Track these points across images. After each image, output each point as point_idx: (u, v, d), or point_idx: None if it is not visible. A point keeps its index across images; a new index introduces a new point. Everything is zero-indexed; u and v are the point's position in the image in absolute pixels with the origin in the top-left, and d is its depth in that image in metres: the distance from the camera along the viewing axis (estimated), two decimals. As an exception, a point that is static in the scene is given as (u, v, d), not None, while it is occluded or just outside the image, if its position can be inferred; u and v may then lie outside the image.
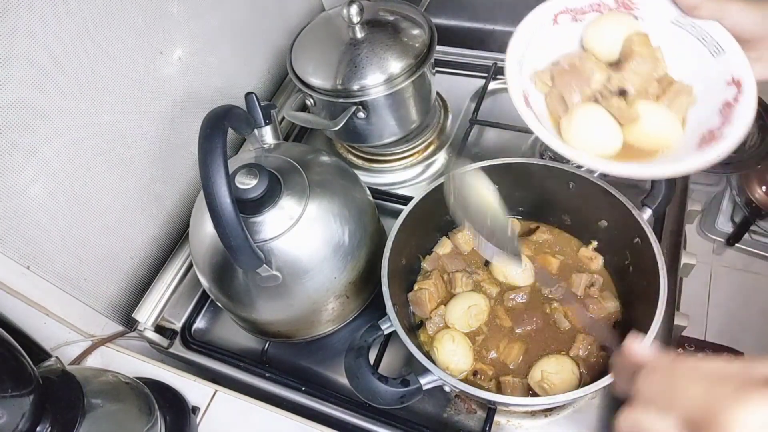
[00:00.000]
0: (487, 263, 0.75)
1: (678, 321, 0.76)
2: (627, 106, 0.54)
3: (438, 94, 1.03)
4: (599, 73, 0.56)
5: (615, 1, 0.58)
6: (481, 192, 0.60)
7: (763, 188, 1.67)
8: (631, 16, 0.58)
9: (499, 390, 0.65)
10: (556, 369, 0.63)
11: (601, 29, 0.58)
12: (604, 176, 0.68)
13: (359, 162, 0.99)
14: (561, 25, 0.59)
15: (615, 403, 0.69)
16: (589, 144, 0.54)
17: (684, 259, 0.79)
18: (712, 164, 0.49)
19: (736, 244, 1.82)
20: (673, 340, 0.74)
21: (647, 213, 0.65)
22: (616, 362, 0.43)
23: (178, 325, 0.84)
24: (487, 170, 0.71)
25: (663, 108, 0.55)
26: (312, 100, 0.88)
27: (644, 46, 0.55)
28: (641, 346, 0.41)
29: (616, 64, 0.57)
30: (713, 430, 0.32)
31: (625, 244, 0.67)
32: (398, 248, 0.68)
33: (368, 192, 0.77)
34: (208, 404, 0.73)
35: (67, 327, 0.76)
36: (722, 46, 0.53)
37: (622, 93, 0.55)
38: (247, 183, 0.61)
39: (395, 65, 0.82)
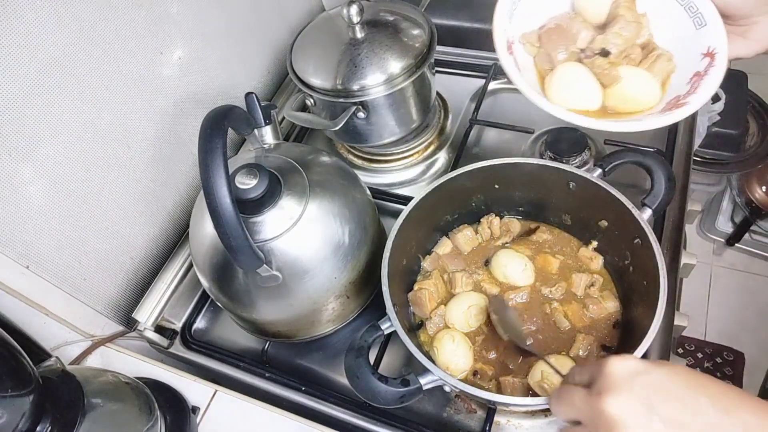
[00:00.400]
0: (487, 263, 0.75)
1: (678, 321, 0.76)
2: (609, 66, 0.55)
3: (438, 94, 1.03)
4: (585, 31, 0.57)
5: None
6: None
7: (763, 188, 1.67)
8: None
9: (499, 390, 0.65)
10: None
11: None
12: (603, 176, 0.68)
13: (359, 162, 0.99)
14: None
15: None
16: (569, 100, 0.56)
17: (684, 259, 0.79)
18: (666, 125, 0.52)
19: (736, 244, 1.82)
20: (673, 340, 0.74)
21: (647, 213, 0.65)
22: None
23: (178, 325, 0.84)
24: (487, 170, 0.71)
25: (643, 73, 0.56)
26: (312, 100, 0.88)
27: (629, 10, 0.56)
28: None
29: (602, 27, 0.58)
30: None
31: (625, 244, 0.67)
32: (398, 248, 0.68)
33: (368, 192, 0.77)
34: (208, 404, 0.73)
35: (67, 327, 0.76)
36: (706, 19, 0.54)
37: (605, 54, 0.56)
38: (247, 183, 0.61)
39: (395, 65, 0.82)
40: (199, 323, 0.85)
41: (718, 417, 0.38)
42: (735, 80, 1.61)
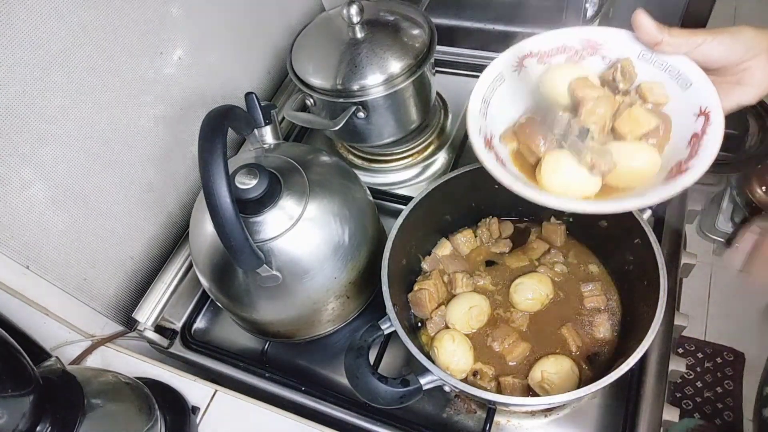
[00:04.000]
0: (488, 263, 0.75)
1: (678, 321, 0.76)
2: (599, 145, 0.52)
3: (438, 94, 1.03)
4: (559, 115, 0.54)
5: (580, 41, 0.57)
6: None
7: (763, 188, 1.67)
8: (574, 64, 0.57)
9: (499, 390, 0.65)
10: (556, 369, 0.63)
11: (550, 80, 0.57)
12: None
13: (359, 162, 0.99)
14: (528, 69, 0.58)
15: (615, 403, 0.69)
16: (566, 187, 0.53)
17: (684, 259, 0.79)
18: (675, 195, 0.49)
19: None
20: (673, 340, 0.74)
21: (647, 213, 0.65)
22: None
23: (178, 325, 0.84)
24: (487, 170, 0.71)
25: (637, 145, 0.53)
26: (312, 100, 0.88)
27: (588, 88, 0.54)
28: None
29: (574, 109, 0.55)
30: None
31: (625, 244, 0.67)
32: (398, 248, 0.68)
33: (368, 192, 0.77)
34: (208, 404, 0.73)
35: (67, 327, 0.76)
36: (690, 79, 0.52)
37: (584, 133, 0.53)
38: (247, 183, 0.61)
39: (395, 65, 0.82)
40: (199, 323, 0.85)
41: None
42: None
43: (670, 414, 0.68)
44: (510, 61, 0.58)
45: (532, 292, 0.70)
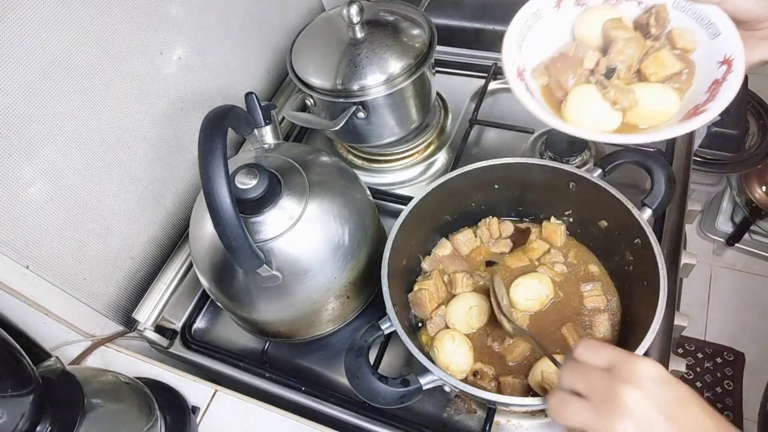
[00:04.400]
0: (488, 264, 0.75)
1: (678, 321, 0.76)
2: (623, 86, 0.55)
3: (438, 94, 1.03)
4: (590, 53, 0.58)
5: None
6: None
7: (763, 188, 1.67)
8: (611, 7, 0.59)
9: (499, 390, 0.65)
10: (556, 369, 0.63)
11: (585, 20, 0.60)
12: (604, 176, 0.68)
13: (359, 162, 0.99)
14: (564, 9, 0.60)
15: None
16: (587, 121, 0.56)
17: (684, 259, 0.79)
18: (684, 133, 0.52)
19: (736, 245, 1.82)
20: (673, 340, 0.74)
21: (647, 213, 0.65)
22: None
23: (178, 325, 0.84)
24: (486, 170, 0.71)
25: (659, 88, 0.56)
26: (312, 100, 0.88)
27: (620, 29, 0.57)
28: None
29: (605, 51, 0.59)
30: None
31: (625, 244, 0.67)
32: (398, 248, 0.68)
33: (368, 192, 0.77)
34: (208, 404, 0.73)
35: (67, 327, 0.76)
36: (719, 29, 0.54)
37: (611, 72, 0.56)
38: (247, 183, 0.61)
39: (395, 65, 0.82)
40: (199, 323, 0.85)
41: None
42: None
43: (670, 414, 0.68)
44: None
45: (532, 292, 0.70)
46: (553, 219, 0.76)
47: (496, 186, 0.74)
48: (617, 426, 0.41)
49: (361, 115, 0.85)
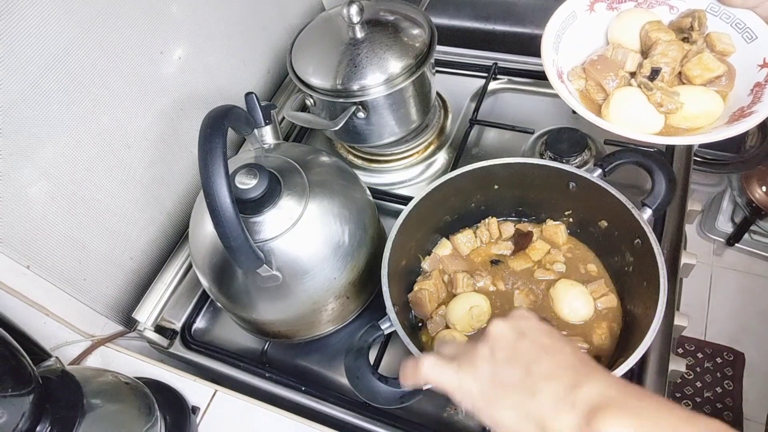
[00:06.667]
0: (493, 263, 0.75)
1: (678, 321, 0.76)
2: (667, 89, 0.55)
3: (438, 94, 1.03)
4: (631, 55, 0.58)
5: None
6: None
7: (764, 188, 1.67)
8: (646, 10, 0.60)
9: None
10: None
11: (621, 23, 0.60)
12: (603, 176, 0.68)
13: (359, 162, 0.99)
14: (597, 13, 0.60)
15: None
16: (631, 123, 0.56)
17: (684, 259, 0.79)
18: (735, 135, 0.52)
19: (736, 245, 1.82)
20: (673, 340, 0.74)
21: (647, 213, 0.65)
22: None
23: (178, 325, 0.84)
24: (486, 170, 0.71)
25: (703, 91, 0.56)
26: (312, 100, 0.88)
27: (661, 32, 0.57)
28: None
29: (642, 53, 0.59)
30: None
31: (625, 245, 0.67)
32: (398, 248, 0.68)
33: (368, 192, 0.77)
34: (208, 404, 0.73)
35: (67, 327, 0.76)
36: (755, 32, 0.55)
37: (655, 74, 0.56)
38: (247, 183, 0.61)
39: (395, 65, 0.82)
40: (199, 323, 0.85)
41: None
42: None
43: (670, 414, 0.68)
44: (583, 2, 0.61)
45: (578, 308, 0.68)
46: (550, 221, 0.76)
47: (496, 186, 0.74)
48: (479, 349, 0.43)
49: (361, 115, 0.85)
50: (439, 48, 0.91)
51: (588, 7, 0.60)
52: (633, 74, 0.58)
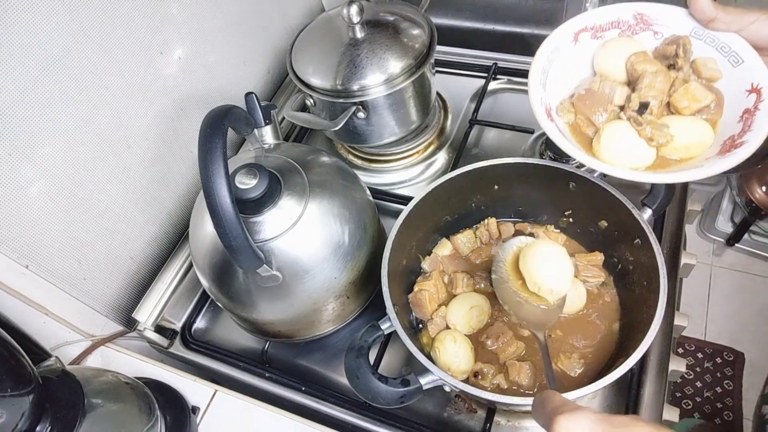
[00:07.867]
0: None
1: (678, 321, 0.76)
2: (656, 122, 0.55)
3: (438, 94, 1.03)
4: (619, 88, 0.57)
5: (633, 17, 0.58)
6: None
7: (763, 188, 1.67)
8: (628, 39, 0.59)
9: (505, 375, 0.65)
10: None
11: (606, 54, 0.59)
12: (604, 176, 0.68)
13: (359, 162, 0.99)
14: (581, 43, 0.59)
15: (615, 403, 0.69)
16: (621, 158, 0.55)
17: (684, 259, 0.79)
18: (729, 168, 0.51)
19: (736, 245, 1.82)
20: (673, 340, 0.74)
21: (647, 213, 0.65)
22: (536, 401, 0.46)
23: (178, 325, 0.84)
24: (486, 170, 0.71)
25: (692, 120, 0.55)
26: (312, 100, 0.88)
27: (647, 62, 0.56)
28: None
29: (630, 85, 0.58)
30: None
31: (625, 245, 0.67)
32: (398, 248, 0.68)
33: (368, 192, 0.77)
34: (208, 404, 0.73)
35: (67, 327, 0.76)
36: (741, 57, 0.54)
37: (644, 107, 0.55)
38: (247, 183, 0.61)
39: (395, 65, 0.82)
40: (199, 323, 0.85)
41: None
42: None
43: (670, 414, 0.68)
44: (566, 35, 0.59)
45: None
46: (551, 227, 0.76)
47: (496, 186, 0.74)
48: None
49: (361, 115, 0.85)
50: (439, 48, 0.91)
51: (572, 39, 0.59)
52: (622, 107, 0.57)
